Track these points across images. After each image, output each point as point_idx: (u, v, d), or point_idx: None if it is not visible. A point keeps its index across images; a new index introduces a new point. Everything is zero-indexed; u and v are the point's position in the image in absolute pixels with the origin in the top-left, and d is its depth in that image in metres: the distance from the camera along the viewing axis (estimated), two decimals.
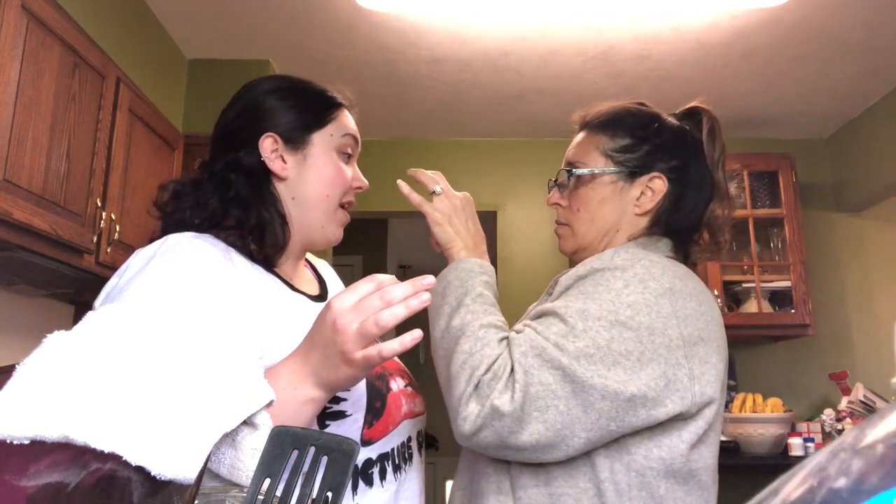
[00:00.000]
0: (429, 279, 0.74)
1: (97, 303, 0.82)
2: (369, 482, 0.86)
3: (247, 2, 2.46)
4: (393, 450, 0.90)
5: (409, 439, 0.95)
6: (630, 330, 0.84)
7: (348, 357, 0.71)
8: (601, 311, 0.85)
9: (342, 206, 0.96)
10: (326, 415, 0.82)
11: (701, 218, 1.02)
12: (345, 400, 0.84)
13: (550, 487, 0.87)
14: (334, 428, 0.83)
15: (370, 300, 0.72)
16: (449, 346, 0.88)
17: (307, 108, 0.94)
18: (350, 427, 0.84)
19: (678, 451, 0.86)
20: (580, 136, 1.08)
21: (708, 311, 0.91)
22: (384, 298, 0.72)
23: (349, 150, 0.96)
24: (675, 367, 0.85)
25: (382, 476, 0.87)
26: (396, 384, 0.95)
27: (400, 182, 1.02)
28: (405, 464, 0.93)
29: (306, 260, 1.05)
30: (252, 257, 0.88)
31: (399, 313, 0.71)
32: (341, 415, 0.84)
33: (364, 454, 0.86)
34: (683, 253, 1.03)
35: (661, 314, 0.86)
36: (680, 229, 1.02)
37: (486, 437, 0.82)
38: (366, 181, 0.99)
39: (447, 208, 0.99)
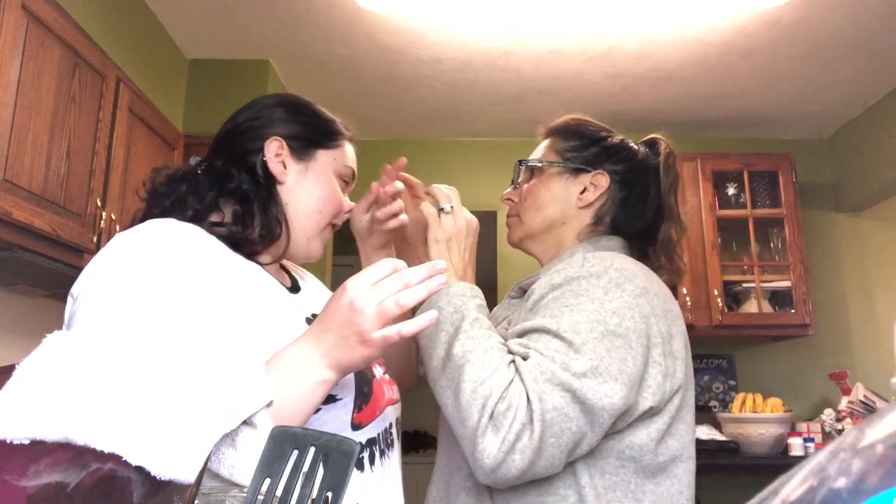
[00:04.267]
0: (441, 263, 0.76)
1: (74, 289, 0.78)
2: (360, 467, 0.87)
3: (247, 2, 2.46)
4: (378, 435, 0.91)
5: (391, 425, 0.96)
6: (620, 337, 0.86)
7: (366, 337, 0.73)
8: (590, 321, 0.86)
9: (330, 225, 0.98)
10: None
11: (650, 230, 1.07)
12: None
13: (530, 496, 0.88)
14: (326, 412, 0.83)
15: (388, 282, 0.73)
16: (453, 375, 0.86)
17: (318, 128, 0.97)
18: (341, 411, 0.85)
19: (647, 448, 0.89)
20: (542, 143, 1.15)
21: (673, 308, 0.96)
22: (402, 280, 0.73)
23: (346, 179, 1.00)
24: (652, 366, 0.88)
25: (371, 461, 0.88)
26: (378, 371, 0.96)
27: (424, 204, 1.03)
28: (388, 449, 0.94)
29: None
30: (238, 245, 0.88)
31: (420, 294, 0.73)
32: (332, 398, 0.84)
33: (354, 439, 0.86)
34: (640, 254, 1.06)
35: (643, 314, 0.89)
36: (628, 234, 1.07)
37: (508, 472, 0.80)
38: (352, 205, 1.02)
39: (451, 229, 1.00)
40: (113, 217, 1.98)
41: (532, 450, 0.80)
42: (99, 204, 1.91)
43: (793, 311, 3.13)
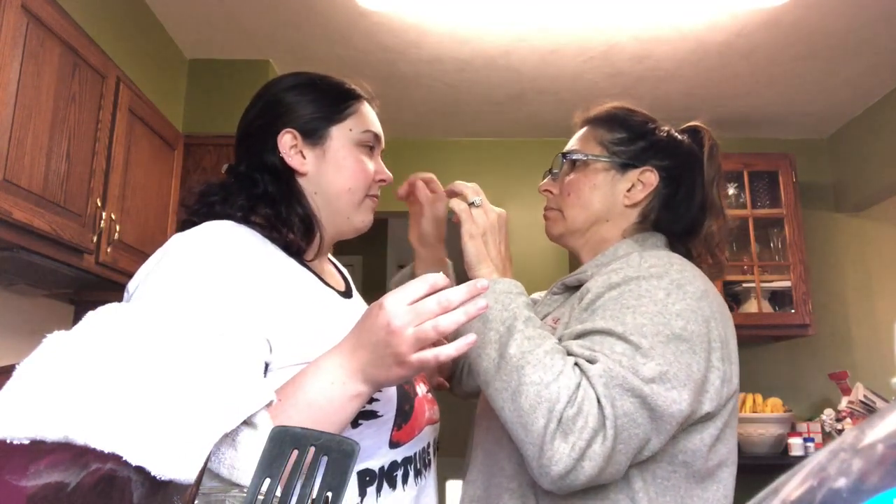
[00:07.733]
0: (482, 282, 0.72)
1: (131, 285, 0.82)
2: (392, 485, 0.85)
3: (247, 2, 2.46)
4: (415, 454, 0.89)
5: (429, 445, 0.94)
6: (685, 342, 0.83)
7: (402, 359, 0.70)
8: (655, 324, 0.83)
9: (368, 197, 0.95)
10: (359, 413, 0.81)
11: (694, 226, 1.04)
12: (377, 400, 0.83)
13: (579, 502, 0.85)
14: (366, 427, 0.82)
15: (427, 304, 0.70)
16: (510, 378, 0.82)
17: (325, 102, 0.93)
18: (381, 428, 0.84)
19: (699, 453, 0.87)
20: (581, 131, 1.09)
21: (726, 311, 0.93)
22: (441, 303, 0.70)
23: (370, 144, 0.96)
24: (711, 370, 0.86)
25: (405, 480, 0.87)
26: (420, 389, 0.94)
27: (453, 201, 1.00)
28: (426, 469, 0.92)
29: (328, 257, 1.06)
30: (287, 248, 0.88)
31: (459, 319, 0.70)
32: (373, 414, 0.83)
33: (390, 457, 0.85)
34: (683, 251, 1.03)
35: (704, 316, 0.86)
36: (672, 231, 1.03)
37: (576, 479, 0.77)
38: (389, 174, 0.99)
39: (484, 222, 0.96)
40: (113, 217, 1.98)
41: (603, 457, 0.77)
42: (99, 204, 1.91)
43: (793, 311, 3.13)
